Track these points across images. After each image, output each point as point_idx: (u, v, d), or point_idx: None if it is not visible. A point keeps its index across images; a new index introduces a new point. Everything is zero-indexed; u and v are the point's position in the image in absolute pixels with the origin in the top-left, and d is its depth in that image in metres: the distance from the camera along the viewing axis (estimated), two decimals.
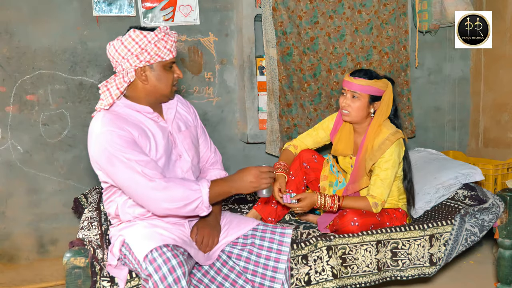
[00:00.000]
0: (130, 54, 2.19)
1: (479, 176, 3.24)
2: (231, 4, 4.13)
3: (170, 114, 2.42)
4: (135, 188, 2.16)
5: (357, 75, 2.87)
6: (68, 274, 2.17)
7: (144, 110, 2.30)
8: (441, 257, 2.81)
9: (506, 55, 4.42)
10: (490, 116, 4.68)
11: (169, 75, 2.32)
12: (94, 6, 3.79)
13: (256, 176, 2.27)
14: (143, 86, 2.28)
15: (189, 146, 2.45)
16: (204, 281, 2.34)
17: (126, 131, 2.18)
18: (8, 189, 3.82)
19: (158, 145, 2.30)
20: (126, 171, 2.14)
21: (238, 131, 4.28)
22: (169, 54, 2.27)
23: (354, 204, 2.83)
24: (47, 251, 3.95)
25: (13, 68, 3.72)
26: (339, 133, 3.08)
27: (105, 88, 2.24)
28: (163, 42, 2.24)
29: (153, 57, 2.22)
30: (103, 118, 2.19)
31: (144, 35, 2.19)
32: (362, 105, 2.87)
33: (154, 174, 2.15)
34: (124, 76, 2.23)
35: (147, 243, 2.13)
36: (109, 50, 2.24)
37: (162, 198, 2.14)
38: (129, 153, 2.14)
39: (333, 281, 2.59)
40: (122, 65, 2.22)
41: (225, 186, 2.26)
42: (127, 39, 2.19)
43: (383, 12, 4.21)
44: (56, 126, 3.85)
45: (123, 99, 2.30)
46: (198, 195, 2.17)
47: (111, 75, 3.78)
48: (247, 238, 2.42)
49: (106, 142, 2.14)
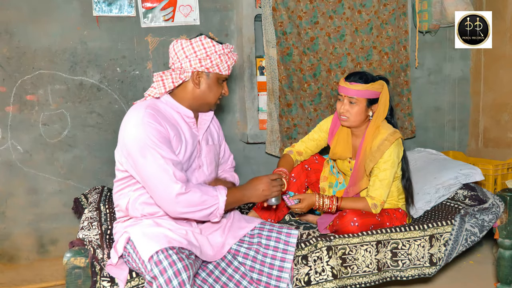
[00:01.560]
0: (194, 55, 2.30)
1: (479, 176, 3.25)
2: (231, 4, 4.13)
3: (204, 125, 2.50)
4: (158, 185, 2.18)
5: (352, 79, 2.85)
6: (68, 274, 2.18)
7: (185, 113, 2.39)
8: (441, 257, 2.81)
9: (506, 55, 4.43)
10: (490, 116, 4.68)
11: (219, 88, 2.42)
12: (94, 6, 3.79)
13: (268, 184, 2.40)
14: (193, 89, 2.37)
15: (210, 160, 2.52)
16: (209, 281, 2.34)
17: (165, 128, 2.24)
18: (8, 189, 3.82)
19: (187, 150, 2.35)
20: (154, 166, 2.18)
21: (238, 131, 4.29)
22: (227, 70, 2.38)
23: (353, 205, 2.83)
24: (47, 251, 3.95)
25: (13, 68, 3.73)
26: (337, 137, 3.08)
27: (159, 78, 2.33)
28: (226, 57, 2.35)
29: (213, 66, 2.33)
30: (146, 110, 2.24)
31: (213, 44, 2.32)
32: (360, 110, 2.87)
33: (180, 177, 2.19)
34: (181, 74, 2.32)
35: (153, 243, 2.14)
36: (174, 46, 2.34)
37: (181, 202, 2.18)
38: (164, 150, 2.19)
39: (333, 282, 2.60)
40: (182, 63, 2.31)
41: (239, 194, 2.36)
42: (196, 42, 2.31)
43: (383, 12, 4.21)
44: (56, 126, 3.85)
45: (167, 96, 2.38)
46: (216, 201, 2.25)
47: (111, 75, 3.87)
48: (253, 237, 2.45)
49: (145, 133, 2.18)
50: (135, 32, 3.91)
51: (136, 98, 3.84)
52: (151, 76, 3.96)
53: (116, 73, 3.93)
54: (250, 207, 3.46)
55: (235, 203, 2.35)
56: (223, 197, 2.26)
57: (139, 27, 3.91)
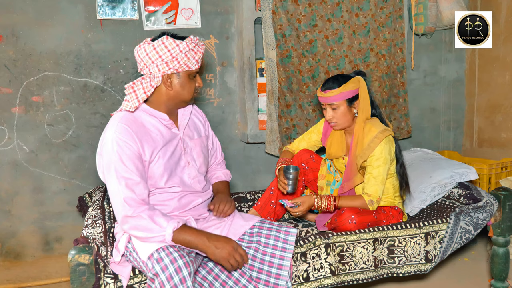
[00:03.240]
0: (160, 60, 2.25)
1: (473, 175, 3.26)
2: (231, 8, 4.16)
3: (184, 121, 2.48)
4: (114, 200, 2.20)
5: (326, 87, 2.89)
6: (73, 271, 2.19)
7: (160, 117, 2.36)
8: (437, 254, 2.83)
9: (500, 57, 4.45)
10: (484, 116, 4.71)
11: (192, 83, 2.39)
12: (98, 10, 3.83)
13: (231, 253, 2.24)
14: (166, 91, 2.34)
15: (198, 154, 2.52)
16: (208, 279, 2.37)
17: (135, 144, 2.23)
18: (14, 188, 3.85)
19: (167, 152, 2.36)
20: (115, 182, 2.19)
21: (238, 132, 4.32)
22: (196, 64, 2.34)
23: (350, 203, 2.85)
24: (52, 249, 3.98)
25: (19, 70, 3.76)
26: (331, 138, 3.11)
27: (131, 90, 2.28)
28: (192, 53, 2.31)
29: (181, 66, 2.29)
30: (118, 124, 2.24)
31: (177, 44, 2.26)
32: (343, 111, 2.90)
33: (134, 200, 2.18)
34: (151, 81, 2.28)
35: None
36: (138, 52, 2.28)
37: (128, 223, 2.18)
38: (125, 169, 2.19)
39: (331, 278, 2.62)
40: (150, 68, 2.28)
41: (196, 240, 2.22)
42: (159, 45, 2.25)
43: (380, 16, 4.24)
44: (61, 127, 3.89)
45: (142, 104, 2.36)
46: (162, 232, 2.16)
47: (114, 77, 3.91)
48: (253, 235, 2.44)
49: (113, 148, 2.20)
50: (138, 34, 3.94)
51: None
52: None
53: (119, 75, 3.96)
54: (250, 206, 3.47)
55: (188, 244, 2.21)
56: (170, 230, 2.16)
57: (141, 30, 3.94)
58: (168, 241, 2.17)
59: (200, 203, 2.53)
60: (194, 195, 2.50)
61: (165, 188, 2.38)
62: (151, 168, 2.31)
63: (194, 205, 2.50)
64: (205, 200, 2.58)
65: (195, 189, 2.49)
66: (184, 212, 2.45)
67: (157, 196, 2.38)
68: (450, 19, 4.31)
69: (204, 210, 2.58)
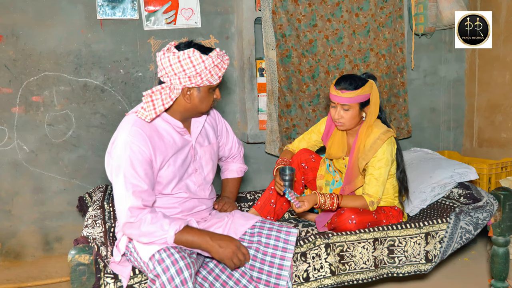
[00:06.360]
0: (183, 74, 2.20)
1: (473, 175, 3.26)
2: (231, 8, 4.16)
3: (197, 128, 2.45)
4: (119, 205, 2.18)
5: (343, 87, 2.84)
6: (73, 271, 2.20)
7: (175, 124, 2.33)
8: (437, 254, 2.83)
9: (500, 57, 4.45)
10: (484, 116, 4.71)
11: (211, 96, 2.35)
12: (98, 10, 3.83)
13: (234, 252, 2.26)
14: (184, 103, 2.30)
15: (207, 161, 2.51)
16: (209, 279, 2.37)
17: (147, 149, 2.21)
18: (14, 188, 3.85)
19: (178, 159, 2.35)
20: (122, 188, 2.17)
21: (238, 131, 4.32)
22: (217, 80, 2.30)
23: (351, 203, 2.85)
24: (52, 249, 3.98)
25: (19, 70, 3.76)
26: (332, 138, 3.10)
27: (149, 98, 2.22)
28: (217, 69, 2.25)
29: (204, 82, 2.24)
30: (132, 127, 2.22)
31: (203, 59, 2.19)
32: (354, 114, 2.89)
33: (138, 208, 2.16)
34: (171, 92, 2.23)
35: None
36: (162, 60, 2.22)
37: (130, 228, 2.17)
38: (135, 176, 2.17)
39: (331, 278, 2.62)
40: (171, 79, 2.22)
41: (199, 240, 2.22)
42: (185, 59, 2.18)
43: (380, 15, 4.24)
44: (61, 127, 3.89)
45: None
46: (164, 236, 2.16)
47: (114, 77, 3.91)
48: (253, 235, 2.44)
49: (125, 152, 2.18)
50: (138, 34, 3.94)
51: (139, 99, 3.89)
52: (153, 78, 4.00)
53: (119, 75, 3.96)
54: (250, 206, 3.47)
55: (191, 245, 2.22)
56: (172, 232, 2.15)
57: (142, 30, 3.94)
58: (170, 243, 2.17)
59: (204, 209, 2.55)
60: (199, 201, 2.51)
61: (171, 194, 2.39)
62: (160, 175, 2.31)
63: (198, 210, 2.51)
64: (208, 207, 2.59)
65: (200, 196, 2.50)
66: (187, 216, 2.46)
67: (162, 199, 2.38)
68: (450, 19, 4.31)
69: (206, 214, 2.59)
